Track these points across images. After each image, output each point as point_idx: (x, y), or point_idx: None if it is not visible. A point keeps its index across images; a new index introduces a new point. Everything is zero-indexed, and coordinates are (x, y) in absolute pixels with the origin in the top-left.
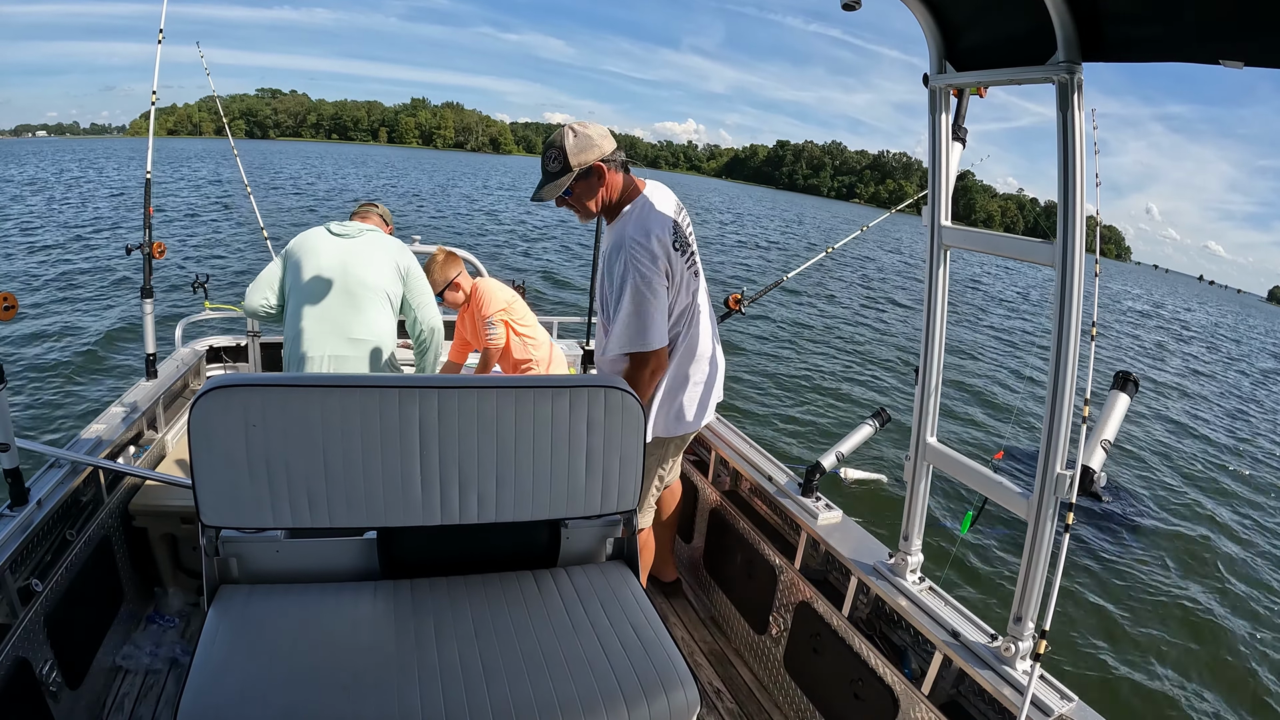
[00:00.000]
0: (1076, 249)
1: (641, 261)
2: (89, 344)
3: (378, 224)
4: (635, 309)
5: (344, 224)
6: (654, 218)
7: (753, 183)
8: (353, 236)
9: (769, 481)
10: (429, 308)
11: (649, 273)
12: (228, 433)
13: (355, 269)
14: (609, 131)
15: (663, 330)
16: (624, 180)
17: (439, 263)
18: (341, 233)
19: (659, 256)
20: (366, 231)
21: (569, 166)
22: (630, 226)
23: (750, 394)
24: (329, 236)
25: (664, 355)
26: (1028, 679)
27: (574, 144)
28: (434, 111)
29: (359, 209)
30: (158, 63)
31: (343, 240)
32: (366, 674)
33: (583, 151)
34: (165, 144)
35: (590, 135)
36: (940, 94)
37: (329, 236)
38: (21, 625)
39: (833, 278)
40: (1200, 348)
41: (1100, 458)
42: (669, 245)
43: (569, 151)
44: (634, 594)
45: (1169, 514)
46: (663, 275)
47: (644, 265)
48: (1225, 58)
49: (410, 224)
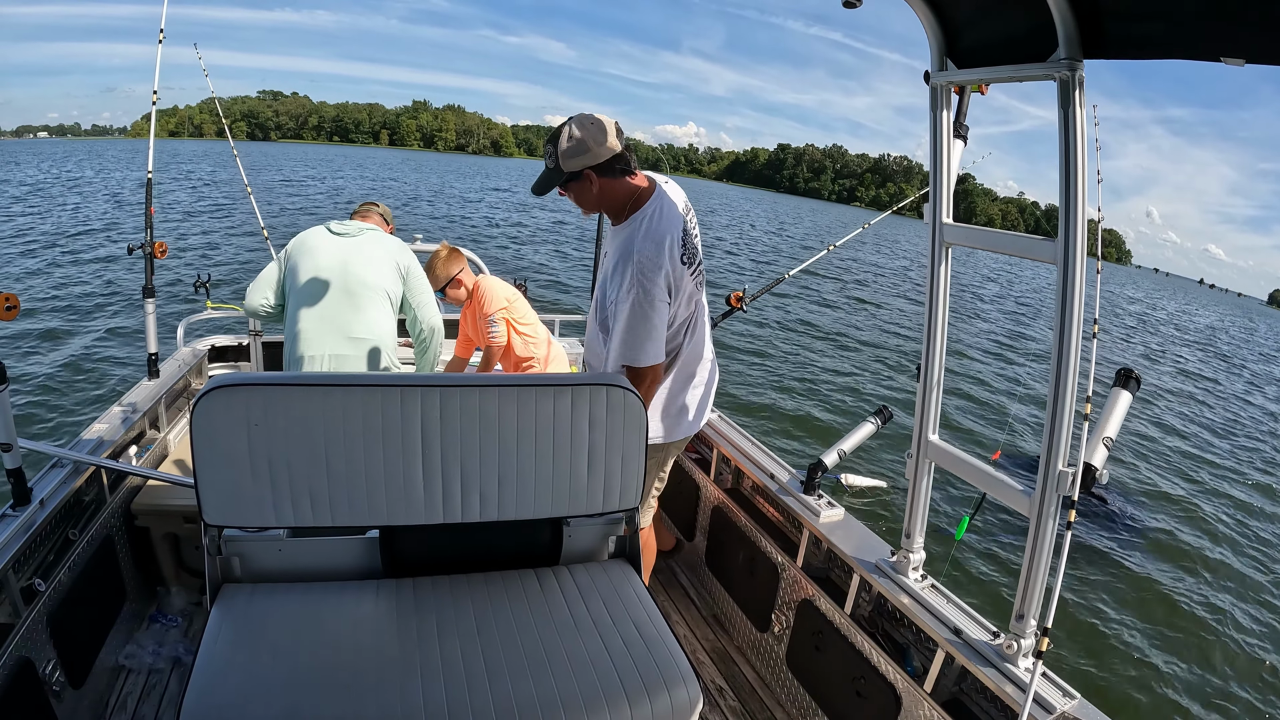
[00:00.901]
0: (1078, 246)
1: (648, 277)
2: (91, 344)
3: (378, 223)
4: (636, 324)
5: (344, 223)
6: (665, 228)
7: (754, 186)
8: (353, 235)
9: (771, 479)
10: (429, 307)
11: (654, 290)
12: (230, 432)
13: (355, 268)
14: (616, 130)
15: (660, 347)
16: (627, 187)
17: (442, 259)
18: (341, 232)
19: (666, 271)
20: (366, 230)
21: (560, 168)
22: (640, 238)
23: (752, 391)
24: (329, 236)
25: (660, 370)
26: (1030, 676)
27: (567, 148)
28: (435, 114)
29: (359, 208)
30: (158, 64)
31: (343, 239)
32: (369, 673)
33: (574, 157)
34: (167, 145)
35: (586, 141)
36: (941, 91)
37: (329, 236)
38: (25, 625)
39: (834, 276)
40: (1201, 350)
41: (1102, 455)
42: (678, 259)
43: (560, 155)
44: (636, 592)
45: (1171, 512)
46: (666, 292)
47: (650, 282)
48: (1226, 55)
49: (411, 225)
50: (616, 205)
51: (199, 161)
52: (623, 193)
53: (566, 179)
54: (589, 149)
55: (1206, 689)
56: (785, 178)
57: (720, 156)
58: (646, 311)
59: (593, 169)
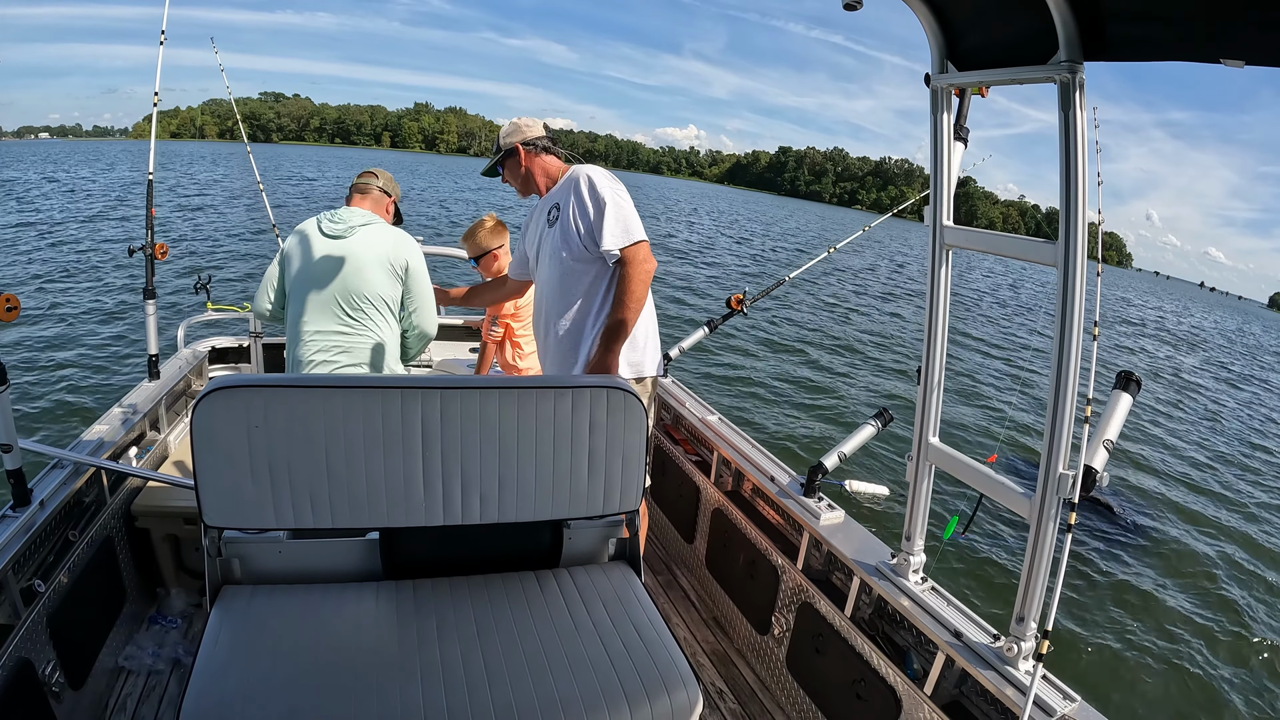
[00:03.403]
0: (1078, 249)
1: (606, 180)
2: (91, 345)
3: (377, 201)
4: (622, 206)
5: (336, 216)
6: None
7: (755, 189)
8: (345, 236)
9: (771, 482)
10: (425, 312)
11: (617, 185)
12: (230, 433)
13: (349, 278)
14: (543, 126)
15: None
16: (554, 163)
17: (486, 229)
18: (333, 232)
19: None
20: (358, 228)
21: (500, 147)
22: (581, 177)
23: (752, 394)
24: (321, 237)
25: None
26: (1030, 679)
27: (504, 131)
28: (437, 116)
29: (357, 181)
30: (160, 65)
31: (335, 241)
32: (369, 674)
33: (508, 136)
34: (168, 146)
35: (519, 125)
36: (942, 94)
37: (321, 237)
38: (24, 626)
39: (834, 280)
40: (1202, 353)
41: (1102, 457)
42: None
43: (499, 137)
44: (636, 594)
45: (1171, 514)
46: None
47: (612, 182)
48: (1226, 56)
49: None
50: (547, 176)
51: (199, 164)
52: (552, 166)
53: (504, 155)
54: (519, 130)
55: (1207, 692)
56: (786, 180)
57: (721, 159)
58: (622, 198)
59: (521, 144)
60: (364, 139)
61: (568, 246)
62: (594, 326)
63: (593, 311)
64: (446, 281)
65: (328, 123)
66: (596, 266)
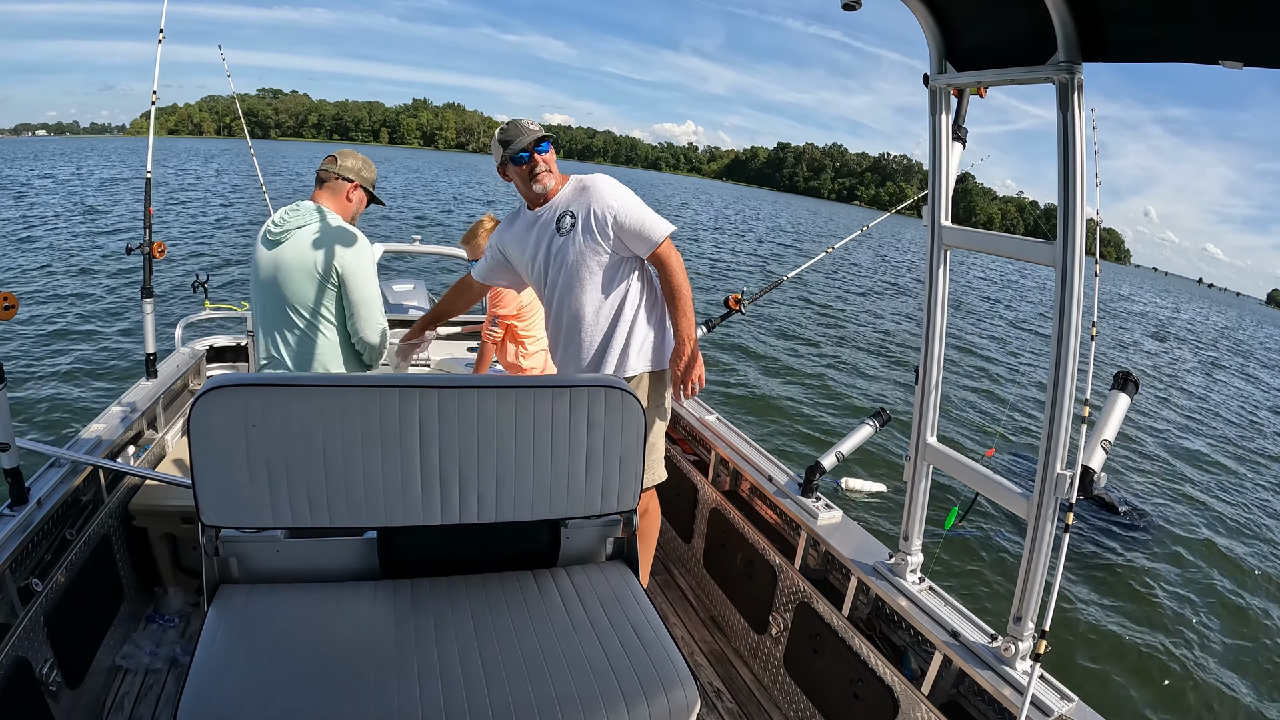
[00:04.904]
0: (1077, 249)
1: (619, 184)
2: (89, 343)
3: (335, 190)
4: (643, 205)
5: (282, 216)
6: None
7: (753, 185)
8: (280, 242)
9: (769, 481)
10: (361, 319)
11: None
12: (228, 432)
13: (282, 288)
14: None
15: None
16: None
17: (485, 229)
18: (272, 237)
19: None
20: (294, 230)
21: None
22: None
23: (750, 394)
24: (260, 245)
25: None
26: (1028, 679)
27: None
28: (435, 112)
29: (321, 166)
30: (158, 62)
31: (271, 251)
32: (366, 674)
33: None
34: (166, 143)
35: (519, 122)
36: (940, 94)
37: (260, 245)
38: (21, 625)
39: (833, 279)
40: (1200, 350)
41: (1100, 458)
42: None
43: (523, 124)
44: (634, 594)
45: (1169, 515)
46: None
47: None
48: (1225, 58)
49: (412, 225)
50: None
51: (196, 160)
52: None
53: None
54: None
55: (1206, 692)
56: (785, 176)
57: (720, 155)
58: (639, 200)
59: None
60: (362, 135)
61: (595, 250)
62: (640, 320)
63: (633, 306)
64: (445, 282)
65: (325, 119)
66: (625, 265)
